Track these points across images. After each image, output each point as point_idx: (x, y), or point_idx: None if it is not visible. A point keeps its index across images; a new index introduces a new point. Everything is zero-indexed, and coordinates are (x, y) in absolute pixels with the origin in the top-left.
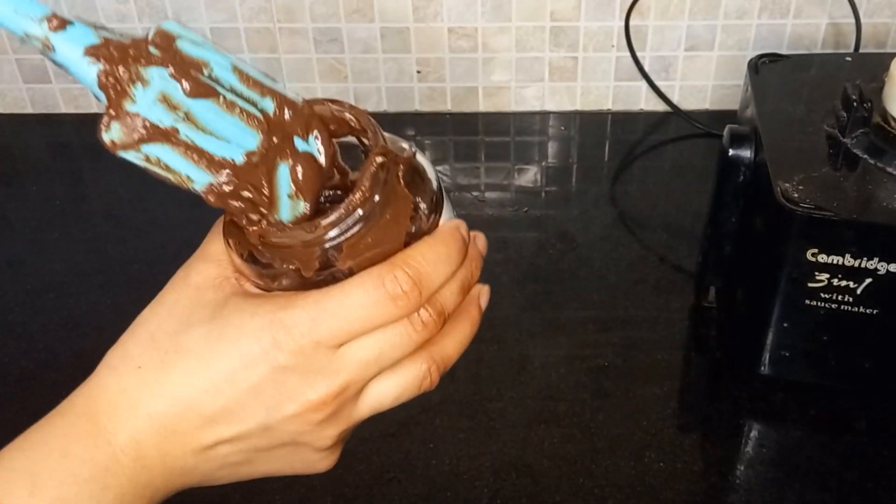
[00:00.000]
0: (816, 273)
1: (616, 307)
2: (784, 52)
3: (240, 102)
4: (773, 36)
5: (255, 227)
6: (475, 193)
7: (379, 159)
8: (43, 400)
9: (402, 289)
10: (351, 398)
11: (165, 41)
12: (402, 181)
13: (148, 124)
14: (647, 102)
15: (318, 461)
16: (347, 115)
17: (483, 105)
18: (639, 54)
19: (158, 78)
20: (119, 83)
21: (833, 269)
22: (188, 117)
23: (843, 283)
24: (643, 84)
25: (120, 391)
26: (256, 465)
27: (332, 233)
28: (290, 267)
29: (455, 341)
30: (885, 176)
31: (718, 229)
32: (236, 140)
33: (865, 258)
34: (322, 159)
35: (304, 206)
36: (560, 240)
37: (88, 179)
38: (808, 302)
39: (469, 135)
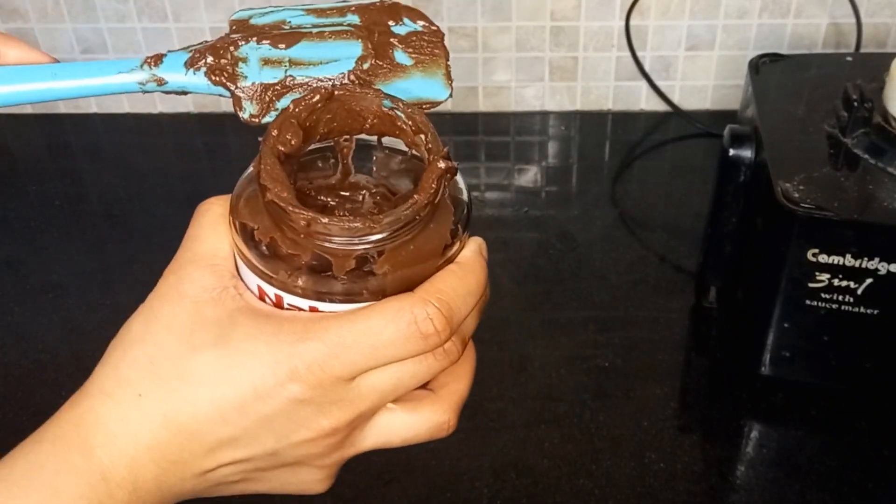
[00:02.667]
0: (817, 273)
1: (616, 307)
2: (785, 51)
3: (328, 30)
4: (774, 36)
5: (303, 218)
6: (475, 193)
7: (442, 164)
8: (43, 400)
9: (436, 327)
10: (362, 425)
11: (240, 25)
12: (448, 191)
13: (267, 86)
14: (647, 102)
15: (315, 483)
16: (403, 114)
17: (483, 105)
18: (639, 54)
19: (251, 50)
20: (225, 71)
21: (833, 270)
22: (293, 63)
23: (844, 283)
24: (643, 84)
25: (118, 421)
26: (252, 483)
27: (385, 232)
28: (316, 262)
29: (468, 381)
30: (885, 176)
31: (719, 229)
32: (344, 56)
33: (866, 258)
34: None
35: (443, 82)
36: (560, 240)
37: (88, 179)
38: (808, 302)
39: (469, 135)
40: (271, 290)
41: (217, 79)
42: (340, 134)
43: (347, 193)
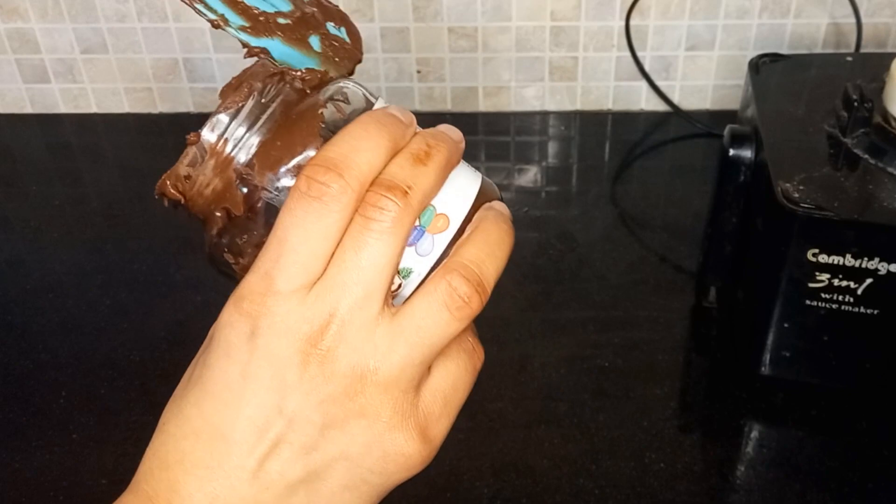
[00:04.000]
0: (817, 273)
1: (616, 307)
2: (785, 51)
3: None
4: (774, 36)
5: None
6: None
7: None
8: (43, 400)
9: (319, 180)
10: (357, 334)
11: None
12: (302, 85)
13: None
14: (647, 102)
15: (386, 443)
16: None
17: (483, 105)
18: (639, 54)
19: None
20: None
21: (834, 270)
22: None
23: (844, 283)
24: (643, 84)
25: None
26: (325, 474)
27: (230, 145)
28: (222, 215)
29: (476, 243)
30: (885, 176)
31: (719, 229)
32: (272, 2)
33: (866, 258)
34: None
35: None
36: (560, 240)
37: (88, 179)
38: (808, 302)
39: (469, 135)
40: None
41: None
42: None
43: None
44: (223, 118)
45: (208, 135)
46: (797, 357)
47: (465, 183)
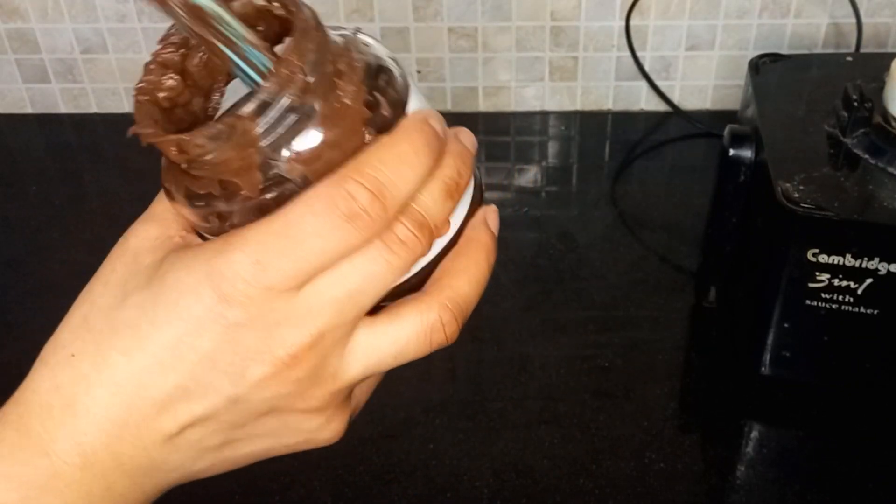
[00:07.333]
0: (817, 273)
1: (616, 307)
2: (785, 51)
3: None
4: (774, 36)
5: (172, 143)
6: None
7: (304, 25)
8: None
9: (360, 204)
10: (332, 349)
11: None
12: (348, 62)
13: None
14: (647, 102)
15: (315, 430)
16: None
17: (483, 105)
18: (639, 54)
19: None
20: None
21: (834, 270)
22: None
23: (844, 283)
24: (643, 84)
25: (53, 389)
26: (240, 445)
27: (262, 125)
28: (231, 192)
29: (469, 277)
30: (885, 176)
31: (719, 229)
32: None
33: (866, 258)
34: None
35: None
36: (560, 240)
37: (88, 179)
38: (808, 302)
39: None
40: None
41: None
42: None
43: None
44: (271, 100)
45: (248, 109)
46: (797, 357)
47: (466, 192)
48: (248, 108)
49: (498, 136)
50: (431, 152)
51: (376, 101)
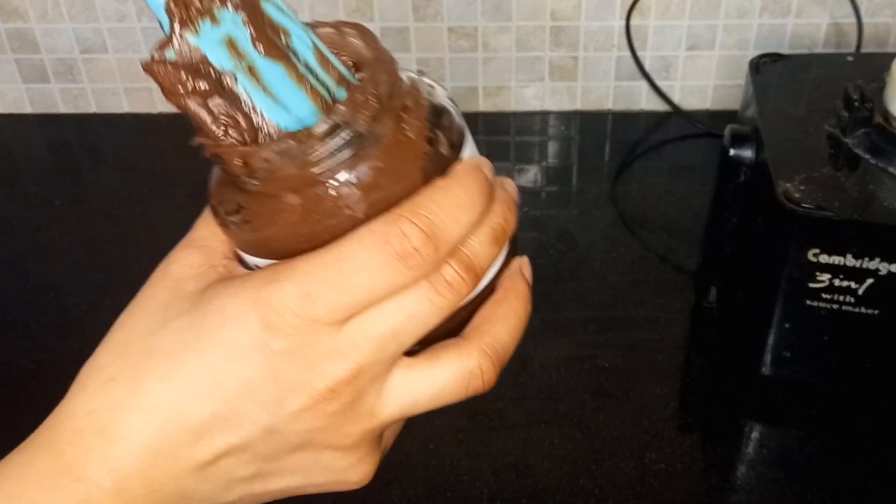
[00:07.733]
0: (817, 273)
1: (616, 308)
2: (785, 51)
3: (311, 79)
4: (774, 35)
5: (237, 154)
6: None
7: (381, 58)
8: (43, 400)
9: (413, 244)
10: (370, 386)
11: None
12: (414, 99)
13: (202, 63)
14: (647, 102)
15: (345, 470)
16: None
17: (483, 105)
18: (639, 54)
19: (231, 21)
20: (187, 11)
21: (834, 270)
22: (251, 71)
23: (845, 283)
24: (644, 84)
25: (88, 413)
26: (271, 480)
27: (330, 147)
28: (282, 213)
29: (508, 326)
30: (886, 176)
31: (719, 229)
32: (296, 112)
33: (867, 258)
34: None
35: None
36: (560, 240)
37: (88, 179)
38: (809, 302)
39: None
40: (264, 263)
41: (172, 9)
42: None
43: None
44: (342, 123)
45: (320, 129)
46: (797, 357)
47: None
48: (320, 128)
49: (498, 136)
50: (484, 199)
51: (437, 138)
